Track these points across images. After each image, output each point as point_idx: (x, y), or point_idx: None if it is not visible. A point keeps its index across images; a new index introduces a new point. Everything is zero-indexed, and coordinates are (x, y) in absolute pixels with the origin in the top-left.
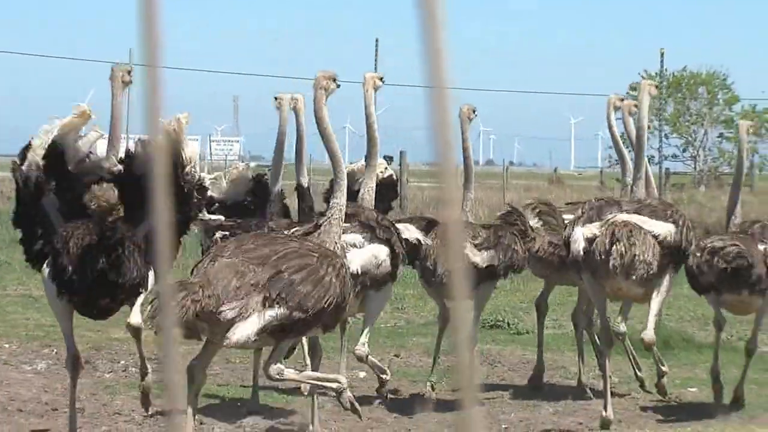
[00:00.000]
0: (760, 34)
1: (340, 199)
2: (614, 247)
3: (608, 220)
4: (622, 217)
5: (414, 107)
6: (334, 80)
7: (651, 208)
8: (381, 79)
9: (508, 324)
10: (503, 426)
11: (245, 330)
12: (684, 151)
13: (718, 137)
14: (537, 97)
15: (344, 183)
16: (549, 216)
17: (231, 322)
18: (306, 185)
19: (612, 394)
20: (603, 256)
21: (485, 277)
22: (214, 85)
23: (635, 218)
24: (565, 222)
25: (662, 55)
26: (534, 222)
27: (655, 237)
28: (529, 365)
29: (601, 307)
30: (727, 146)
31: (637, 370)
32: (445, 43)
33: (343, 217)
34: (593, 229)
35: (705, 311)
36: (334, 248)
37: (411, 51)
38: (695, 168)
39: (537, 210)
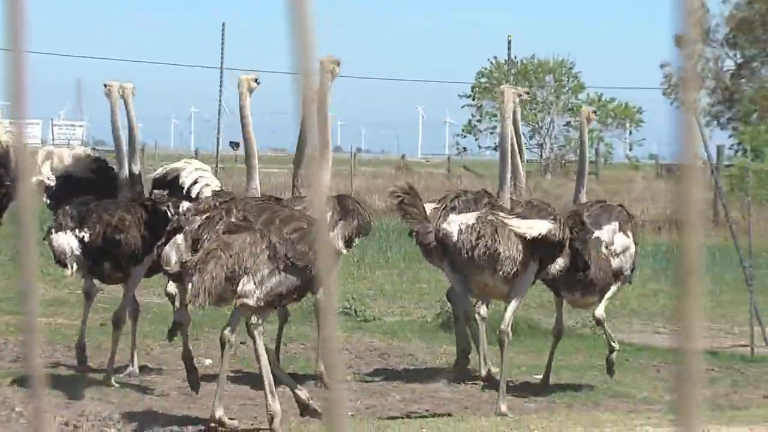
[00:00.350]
0: (605, 23)
1: (324, 179)
2: (480, 242)
3: (482, 215)
4: (498, 214)
5: (260, 92)
6: (338, 64)
7: (538, 209)
8: (256, 80)
9: (356, 311)
10: (350, 413)
11: (256, 291)
12: (531, 138)
13: (565, 125)
14: (384, 83)
15: (329, 164)
16: (411, 206)
17: (246, 282)
18: (138, 172)
19: (459, 381)
20: (469, 252)
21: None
22: (56, 68)
23: (513, 221)
24: (428, 211)
25: (509, 42)
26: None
27: (536, 236)
28: (375, 352)
29: (464, 293)
30: (573, 134)
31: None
32: (312, 29)
33: (327, 195)
34: (467, 219)
35: (550, 297)
36: None
37: (259, 36)
38: (542, 156)
39: (399, 199)
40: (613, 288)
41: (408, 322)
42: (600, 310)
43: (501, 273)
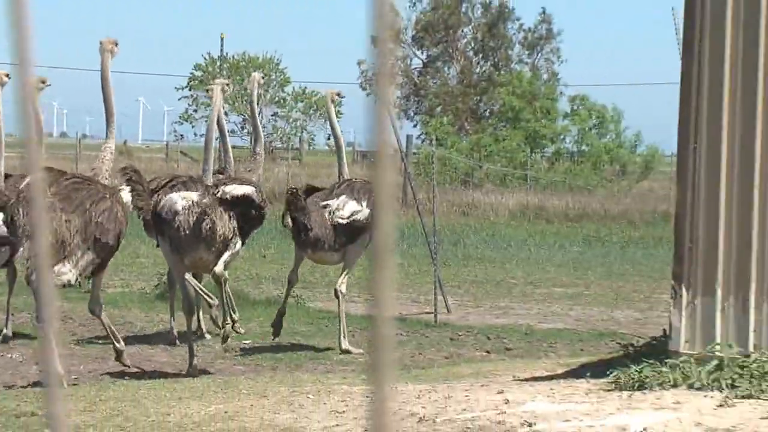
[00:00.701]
0: (309, 24)
1: (111, 144)
2: (199, 221)
3: (199, 197)
4: (227, 189)
5: None
6: (116, 44)
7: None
8: (8, 75)
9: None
10: (74, 377)
11: (73, 270)
12: (243, 128)
13: (273, 116)
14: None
15: (114, 130)
16: (138, 183)
17: (62, 267)
18: None
19: (179, 344)
20: (188, 231)
21: None
22: None
23: (227, 187)
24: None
25: (222, 39)
26: (124, 187)
27: (239, 196)
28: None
29: (181, 275)
30: (280, 123)
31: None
32: (30, 20)
33: (113, 159)
34: (191, 196)
35: (258, 271)
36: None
37: None
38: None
39: (128, 176)
40: (354, 248)
41: (128, 293)
42: (341, 285)
43: (215, 249)
